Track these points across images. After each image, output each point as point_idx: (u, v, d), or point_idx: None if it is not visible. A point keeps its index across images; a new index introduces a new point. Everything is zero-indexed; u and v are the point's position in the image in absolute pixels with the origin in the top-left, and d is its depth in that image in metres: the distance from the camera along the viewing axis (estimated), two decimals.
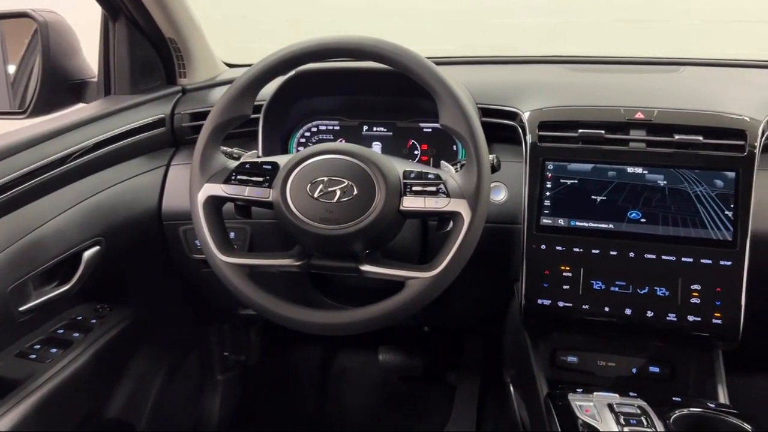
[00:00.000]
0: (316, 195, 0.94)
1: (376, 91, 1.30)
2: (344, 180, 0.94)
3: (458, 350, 1.91)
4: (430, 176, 0.95)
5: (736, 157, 1.04)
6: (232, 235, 1.26)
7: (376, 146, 1.33)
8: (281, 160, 0.99)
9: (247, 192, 0.97)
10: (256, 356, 1.89)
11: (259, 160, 1.00)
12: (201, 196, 0.97)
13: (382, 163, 0.95)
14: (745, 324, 1.02)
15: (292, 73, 1.23)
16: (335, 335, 0.98)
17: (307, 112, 1.35)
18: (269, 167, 0.98)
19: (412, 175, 0.95)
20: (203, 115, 1.20)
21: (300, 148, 1.35)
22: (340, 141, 1.33)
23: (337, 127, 1.35)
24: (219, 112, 0.98)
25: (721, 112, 1.09)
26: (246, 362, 1.86)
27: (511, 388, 1.33)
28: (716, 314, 1.03)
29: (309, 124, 1.36)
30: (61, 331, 1.23)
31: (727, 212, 1.03)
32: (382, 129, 1.33)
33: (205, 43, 1.51)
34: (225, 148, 1.10)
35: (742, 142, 1.04)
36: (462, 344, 1.91)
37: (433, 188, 0.93)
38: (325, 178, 0.94)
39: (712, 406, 1.00)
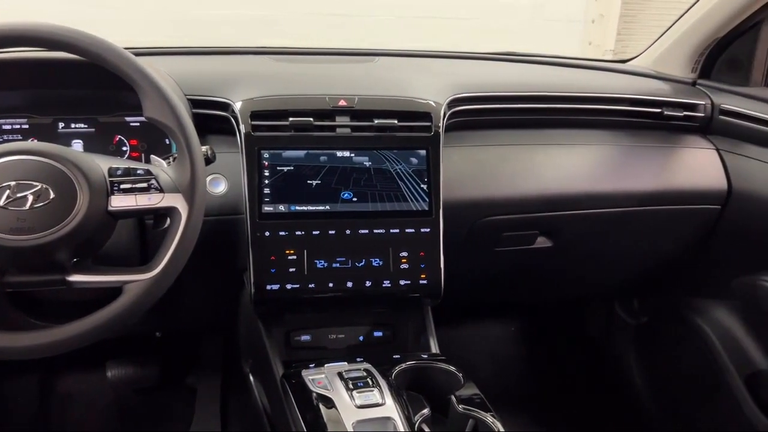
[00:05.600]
0: (2, 203, 0.83)
1: (70, 85, 1.18)
2: (37, 183, 0.84)
3: (196, 350, 1.85)
4: (139, 172, 0.90)
5: (425, 137, 1.19)
6: None
7: (77, 144, 1.21)
8: None
9: None
10: None
11: None
12: None
13: (81, 162, 0.87)
14: (446, 281, 1.17)
15: None
16: (48, 357, 0.88)
17: None
18: None
19: (119, 172, 0.90)
20: None
21: None
22: (32, 141, 1.18)
23: (26, 126, 1.19)
24: None
25: (411, 97, 1.23)
26: None
27: (251, 378, 1.34)
28: (422, 276, 1.16)
29: None
30: None
31: (422, 185, 1.17)
32: (82, 125, 1.21)
33: None
34: None
35: (428, 123, 1.19)
36: (199, 343, 1.85)
37: (144, 184, 0.89)
38: (12, 183, 0.84)
39: (426, 356, 1.14)
